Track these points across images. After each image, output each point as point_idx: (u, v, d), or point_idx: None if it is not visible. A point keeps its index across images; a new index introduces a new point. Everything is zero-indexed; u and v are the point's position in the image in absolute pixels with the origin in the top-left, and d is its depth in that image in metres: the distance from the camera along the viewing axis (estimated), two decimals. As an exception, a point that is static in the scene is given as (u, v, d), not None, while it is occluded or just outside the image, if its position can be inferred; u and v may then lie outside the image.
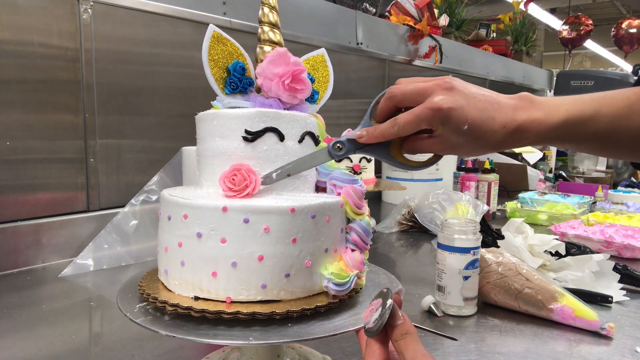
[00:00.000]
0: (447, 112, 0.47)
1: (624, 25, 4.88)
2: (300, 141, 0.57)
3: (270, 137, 0.55)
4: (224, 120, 0.56)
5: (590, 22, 4.49)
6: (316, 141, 0.61)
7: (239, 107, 0.57)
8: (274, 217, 0.50)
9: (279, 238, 0.50)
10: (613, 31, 5.01)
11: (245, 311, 0.48)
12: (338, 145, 0.53)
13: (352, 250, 0.56)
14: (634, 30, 4.86)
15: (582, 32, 4.49)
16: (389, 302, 0.43)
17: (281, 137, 0.56)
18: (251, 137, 0.55)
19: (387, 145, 0.53)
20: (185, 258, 0.52)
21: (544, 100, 0.51)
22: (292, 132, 0.57)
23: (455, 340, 0.75)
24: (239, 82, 0.59)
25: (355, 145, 0.53)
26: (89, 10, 1.14)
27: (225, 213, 0.50)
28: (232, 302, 0.50)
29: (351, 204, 0.56)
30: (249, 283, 0.50)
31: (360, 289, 0.57)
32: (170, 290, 0.54)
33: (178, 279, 0.53)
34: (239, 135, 0.55)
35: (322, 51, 0.66)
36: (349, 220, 0.57)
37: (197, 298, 0.51)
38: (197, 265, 0.51)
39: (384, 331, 0.42)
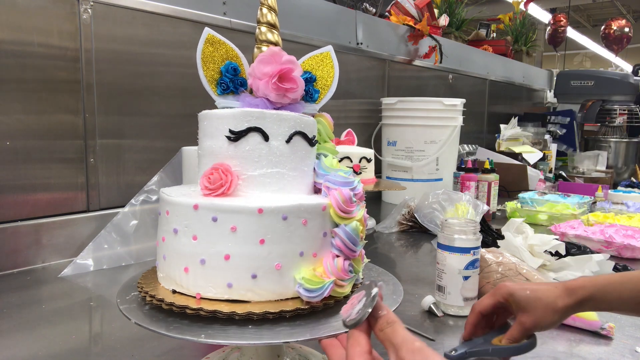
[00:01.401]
0: (507, 286, 0.60)
1: (614, 26, 4.91)
2: (287, 141, 0.57)
3: (254, 137, 0.55)
4: (211, 121, 0.57)
5: (563, 16, 4.50)
6: (310, 141, 0.59)
7: (229, 107, 0.58)
8: (242, 216, 0.50)
9: (246, 238, 0.50)
10: (602, 32, 5.04)
11: (208, 308, 0.49)
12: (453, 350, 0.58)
13: (337, 257, 0.54)
14: (626, 30, 4.90)
15: (552, 31, 4.50)
16: (374, 291, 0.42)
17: (265, 137, 0.56)
18: (234, 136, 0.55)
19: (488, 339, 0.63)
20: (166, 252, 0.54)
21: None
22: (278, 131, 0.56)
23: (433, 340, 0.76)
24: (231, 83, 0.59)
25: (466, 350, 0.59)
26: (89, 10, 1.14)
27: (197, 211, 0.51)
28: (202, 298, 0.51)
29: (335, 207, 0.53)
30: (216, 281, 0.51)
31: (345, 297, 0.54)
32: (159, 283, 0.56)
33: (162, 271, 0.55)
34: (224, 135, 0.56)
35: (329, 49, 0.66)
36: (337, 224, 0.55)
37: (174, 292, 0.53)
38: (173, 260, 0.53)
39: (366, 323, 0.42)
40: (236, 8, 1.45)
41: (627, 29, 4.92)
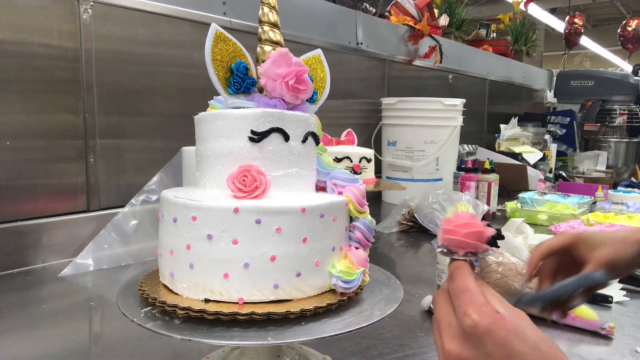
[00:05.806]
0: (573, 230, 0.55)
1: (633, 24, 4.89)
2: (303, 141, 0.58)
3: (276, 138, 0.56)
4: (229, 121, 0.56)
5: (578, 16, 4.49)
6: (317, 141, 0.61)
7: (243, 107, 0.58)
8: (286, 217, 0.51)
9: (291, 238, 0.51)
10: (620, 30, 5.02)
11: (259, 312, 0.48)
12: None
13: (356, 248, 0.58)
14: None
15: (568, 30, 4.49)
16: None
17: (286, 138, 0.56)
18: (257, 137, 0.55)
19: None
20: (195, 260, 0.51)
21: None
22: (296, 132, 0.57)
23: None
24: (242, 82, 0.58)
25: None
26: (89, 10, 1.14)
27: (237, 214, 0.50)
28: (245, 303, 0.50)
29: (355, 202, 0.57)
30: (262, 283, 0.50)
31: (364, 285, 0.58)
32: (175, 294, 0.53)
33: (187, 282, 0.52)
34: (244, 136, 0.55)
35: (319, 52, 0.66)
36: (351, 219, 0.58)
37: (207, 300, 0.51)
38: (208, 268, 0.51)
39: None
40: (236, 8, 1.45)
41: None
